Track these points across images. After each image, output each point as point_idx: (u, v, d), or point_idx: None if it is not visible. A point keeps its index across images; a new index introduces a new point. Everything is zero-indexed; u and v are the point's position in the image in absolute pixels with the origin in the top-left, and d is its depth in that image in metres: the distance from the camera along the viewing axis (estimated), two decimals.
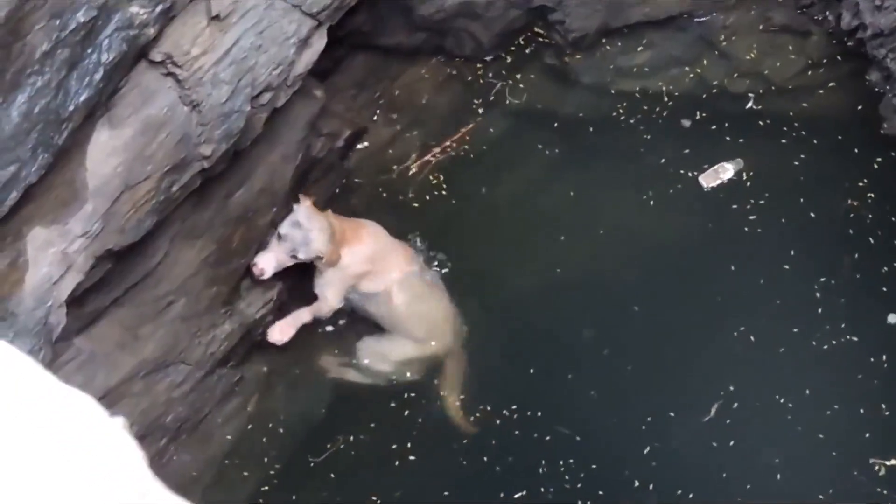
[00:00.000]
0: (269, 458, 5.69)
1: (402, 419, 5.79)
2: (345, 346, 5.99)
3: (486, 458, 5.67)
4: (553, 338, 5.95)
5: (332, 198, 6.14)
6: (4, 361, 1.73)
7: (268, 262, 5.63)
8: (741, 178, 6.17)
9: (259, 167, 5.56)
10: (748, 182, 6.17)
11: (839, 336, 5.75)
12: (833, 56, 6.32)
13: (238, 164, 5.42)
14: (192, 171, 5.01)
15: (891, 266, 5.90)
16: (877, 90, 6.02)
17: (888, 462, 5.42)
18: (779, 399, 5.64)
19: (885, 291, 5.85)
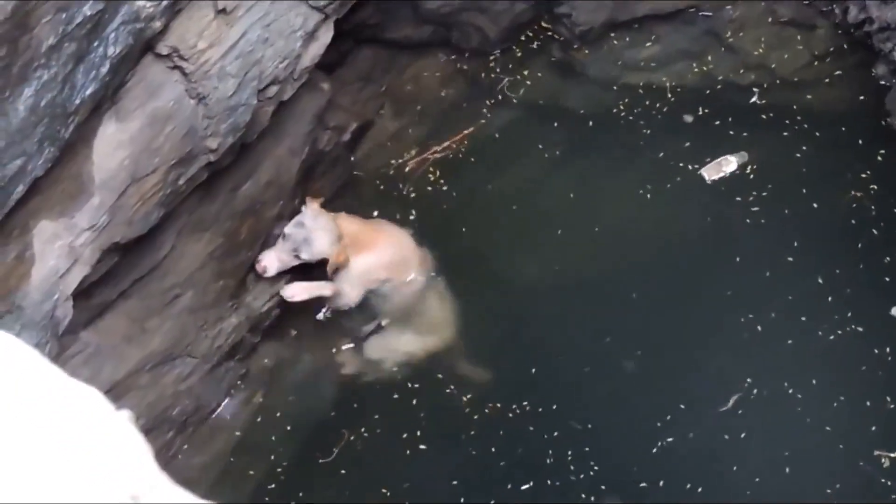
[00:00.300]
0: (277, 452, 5.68)
1: (409, 412, 5.78)
2: (351, 336, 6.00)
3: (494, 450, 5.67)
4: (558, 332, 5.94)
5: (339, 191, 6.14)
6: (11, 355, 1.73)
7: (271, 261, 5.62)
8: (746, 171, 6.16)
9: (266, 160, 5.56)
10: (751, 175, 6.16)
11: (844, 327, 5.73)
12: (839, 49, 6.31)
13: (245, 158, 5.42)
14: (199, 165, 5.02)
15: (894, 257, 5.89)
16: (883, 83, 6.02)
17: (893, 454, 5.41)
18: (787, 391, 5.63)
19: (888, 282, 5.84)
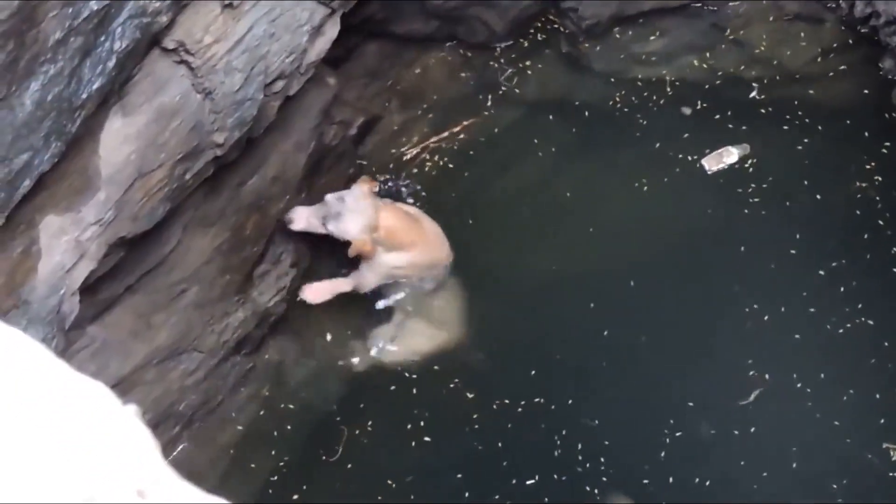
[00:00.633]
0: (282, 447, 5.69)
1: (415, 406, 5.79)
2: (358, 330, 6.00)
3: (501, 444, 5.67)
4: (564, 326, 5.94)
5: (345, 185, 6.12)
6: (17, 350, 1.73)
7: (300, 217, 5.62)
8: (750, 163, 6.16)
9: (272, 155, 5.56)
10: (760, 167, 6.16)
11: (852, 319, 5.74)
12: (845, 44, 6.30)
13: (251, 152, 5.42)
14: (205, 159, 5.02)
15: None
16: (890, 77, 6.00)
17: None
18: (795, 384, 5.63)
19: (895, 273, 5.84)
